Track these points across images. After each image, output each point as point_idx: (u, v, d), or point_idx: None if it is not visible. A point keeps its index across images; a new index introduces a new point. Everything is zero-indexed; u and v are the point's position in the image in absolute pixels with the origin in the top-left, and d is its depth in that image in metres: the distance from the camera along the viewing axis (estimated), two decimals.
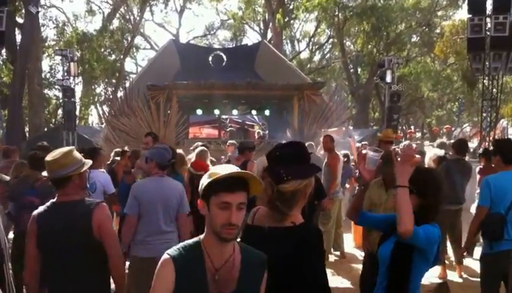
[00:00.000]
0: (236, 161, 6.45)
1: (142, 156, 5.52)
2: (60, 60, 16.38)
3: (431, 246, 2.63)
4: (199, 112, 17.11)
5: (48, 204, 2.94)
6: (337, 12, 27.65)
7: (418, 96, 32.01)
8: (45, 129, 21.01)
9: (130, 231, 4.19)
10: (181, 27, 44.23)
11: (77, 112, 19.71)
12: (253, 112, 18.37)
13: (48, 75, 26.59)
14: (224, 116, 18.56)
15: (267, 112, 17.59)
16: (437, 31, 29.48)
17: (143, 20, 33.57)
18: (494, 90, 14.44)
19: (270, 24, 30.78)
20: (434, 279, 6.26)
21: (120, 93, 21.06)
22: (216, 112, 17.43)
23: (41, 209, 2.93)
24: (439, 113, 37.70)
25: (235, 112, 18.06)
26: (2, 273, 3.55)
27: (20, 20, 21.26)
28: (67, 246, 2.77)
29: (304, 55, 37.92)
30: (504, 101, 22.08)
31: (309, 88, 15.33)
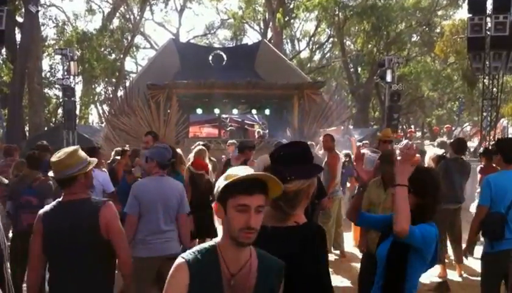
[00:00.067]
0: (236, 160, 6.42)
1: (142, 155, 5.52)
2: (60, 59, 16.37)
3: (427, 245, 2.63)
4: (199, 111, 17.11)
5: (54, 203, 2.93)
6: (337, 11, 27.64)
7: (418, 96, 31.99)
8: (45, 128, 21.00)
9: (131, 230, 4.18)
10: (181, 27, 44.18)
11: (77, 111, 19.69)
12: (253, 111, 18.36)
13: (48, 74, 26.61)
14: (224, 115, 18.56)
15: (267, 111, 17.59)
16: (437, 30, 29.48)
17: (143, 19, 33.66)
18: (494, 90, 14.45)
19: (270, 24, 30.77)
20: (434, 278, 6.27)
21: (120, 92, 21.05)
22: (216, 111, 17.43)
23: (47, 208, 2.92)
24: (439, 112, 37.68)
25: (235, 111, 18.07)
26: (2, 273, 3.54)
27: (20, 19, 21.27)
28: (73, 244, 2.77)
29: (304, 54, 38.01)
30: (504, 101, 22.11)
31: (309, 87, 15.31)
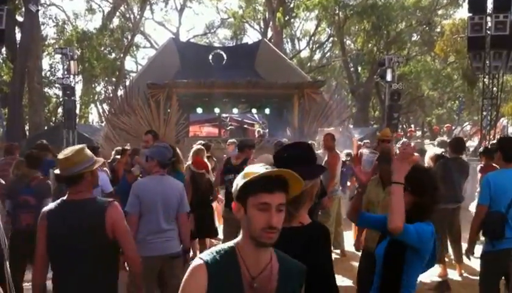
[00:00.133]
0: (236, 159, 6.39)
1: (142, 154, 5.51)
2: (60, 59, 16.39)
3: (424, 244, 2.62)
4: (199, 111, 17.13)
5: (58, 202, 2.92)
6: (337, 11, 27.62)
7: (418, 95, 31.95)
8: (45, 128, 20.99)
9: (132, 229, 4.17)
10: (181, 26, 44.15)
11: (77, 111, 19.69)
12: (253, 111, 18.37)
13: (48, 73, 26.56)
14: (224, 114, 18.56)
15: (267, 111, 17.60)
16: (437, 30, 29.46)
17: (143, 18, 33.61)
18: (494, 89, 14.44)
19: (270, 23, 30.77)
20: (434, 277, 6.27)
21: (120, 92, 21.01)
22: (216, 111, 17.45)
23: (52, 206, 2.92)
24: (439, 111, 37.65)
25: (235, 111, 18.08)
26: (2, 273, 3.54)
27: (20, 18, 21.26)
28: (78, 244, 2.76)
29: (304, 53, 37.95)
30: (504, 100, 22.10)
31: (309, 86, 15.34)
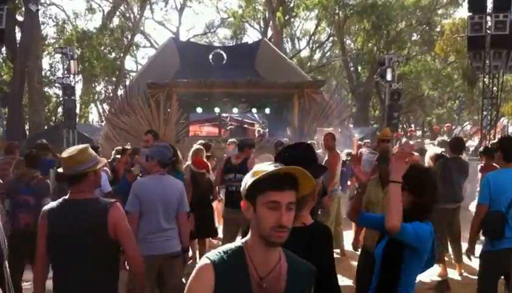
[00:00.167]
0: (236, 159, 6.37)
1: (142, 154, 5.51)
2: (60, 58, 16.38)
3: (422, 243, 2.61)
4: (199, 110, 17.14)
5: (60, 201, 2.91)
6: (337, 10, 27.62)
7: (418, 95, 31.95)
8: (45, 127, 21.00)
9: (132, 228, 4.16)
10: (181, 25, 44.13)
11: (77, 110, 19.69)
12: (253, 110, 18.37)
13: (48, 73, 26.55)
14: (224, 114, 18.57)
15: (267, 110, 17.59)
16: (437, 29, 29.46)
17: (143, 18, 33.61)
18: (495, 88, 14.43)
19: (270, 22, 30.76)
20: (434, 277, 6.27)
21: (120, 91, 21.02)
22: (216, 110, 17.45)
23: (53, 205, 2.91)
24: (440, 111, 37.65)
25: (235, 110, 18.07)
26: (2, 272, 3.54)
27: (20, 18, 21.26)
28: (80, 244, 2.76)
29: (304, 53, 37.95)
30: (504, 99, 22.11)
31: (309, 86, 15.33)
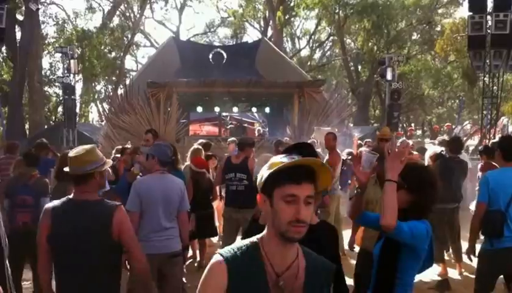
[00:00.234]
0: (236, 158, 6.37)
1: (142, 153, 5.51)
2: (60, 58, 16.39)
3: (418, 242, 2.59)
4: (199, 110, 17.12)
5: (64, 200, 2.90)
6: (337, 10, 27.62)
7: (418, 94, 31.96)
8: (45, 127, 20.97)
9: (133, 227, 4.17)
10: (181, 25, 44.15)
11: (77, 110, 19.72)
12: (253, 110, 18.37)
13: (48, 72, 26.55)
14: (224, 113, 18.56)
15: (267, 110, 17.58)
16: (437, 29, 29.47)
17: (143, 17, 33.64)
18: (495, 88, 14.46)
19: (270, 22, 30.77)
20: (435, 276, 6.27)
21: (120, 91, 21.02)
22: (217, 110, 17.44)
23: (57, 204, 2.89)
24: (440, 110, 37.65)
25: (235, 110, 18.06)
26: (3, 271, 3.53)
27: (20, 17, 21.25)
28: (82, 244, 2.75)
29: (304, 52, 37.96)
30: (504, 99, 22.09)
31: (309, 85, 15.30)
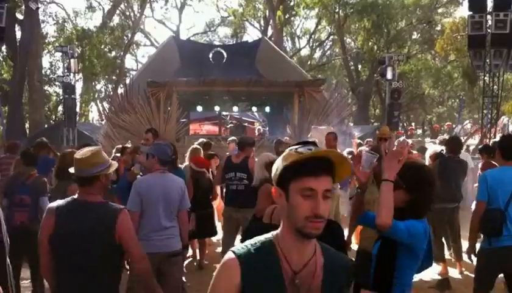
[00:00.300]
0: (236, 158, 6.37)
1: (142, 152, 5.50)
2: (60, 57, 16.42)
3: (415, 241, 2.58)
4: (199, 109, 17.12)
5: (69, 200, 2.89)
6: (337, 9, 27.64)
7: (419, 93, 31.99)
8: (45, 126, 20.97)
9: (134, 226, 4.17)
10: (181, 24, 44.23)
11: (77, 109, 19.71)
12: (253, 109, 18.36)
13: (48, 71, 26.54)
14: (224, 112, 18.56)
15: (267, 109, 17.58)
16: (437, 28, 29.49)
17: (143, 17, 33.64)
18: (495, 87, 14.46)
19: (270, 21, 30.77)
20: (435, 275, 6.27)
21: (120, 90, 21.01)
22: (217, 109, 17.45)
23: (61, 204, 2.88)
24: (440, 110, 37.67)
25: (235, 109, 18.06)
26: (4, 269, 3.53)
27: (20, 16, 21.25)
28: (84, 244, 2.75)
29: (304, 52, 37.95)
30: (505, 98, 22.09)
31: (309, 85, 15.29)
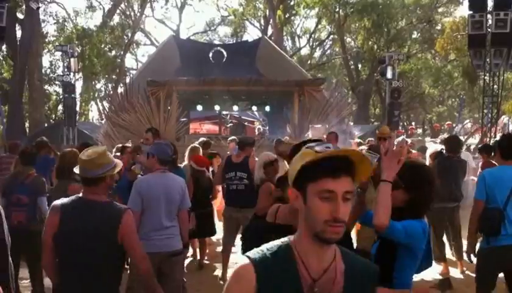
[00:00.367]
0: (237, 157, 6.38)
1: (143, 152, 5.50)
2: (60, 56, 16.42)
3: (413, 240, 2.57)
4: (199, 108, 17.10)
5: (74, 199, 2.90)
6: (338, 8, 27.64)
7: (419, 93, 31.99)
8: (45, 125, 20.98)
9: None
10: (181, 23, 44.24)
11: (77, 108, 19.71)
12: (253, 108, 18.35)
13: (48, 71, 26.57)
14: (224, 112, 18.55)
15: (267, 108, 17.56)
16: (438, 27, 29.49)
17: (143, 16, 33.63)
18: (495, 87, 14.46)
19: (270, 20, 30.76)
20: (436, 275, 6.27)
21: (120, 89, 21.02)
22: (217, 108, 17.43)
23: (66, 202, 2.89)
24: (440, 109, 37.67)
25: (235, 108, 18.05)
26: (6, 267, 3.52)
27: (20, 16, 21.27)
28: (89, 244, 2.75)
29: (304, 51, 37.93)
30: (505, 98, 22.08)
31: (309, 84, 15.30)
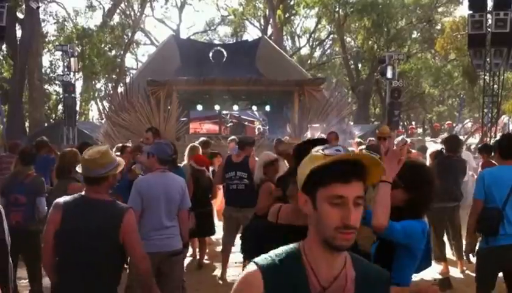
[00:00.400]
0: (237, 157, 6.39)
1: (144, 151, 5.50)
2: (61, 56, 16.42)
3: (413, 241, 2.55)
4: (199, 108, 17.10)
5: (76, 197, 2.90)
6: (337, 8, 27.64)
7: (419, 92, 31.98)
8: (45, 125, 20.97)
9: None
10: (181, 23, 44.24)
11: (77, 108, 19.71)
12: (253, 108, 18.35)
13: (48, 70, 26.51)
14: (224, 111, 18.55)
15: (267, 108, 17.55)
16: (437, 27, 29.50)
17: (143, 16, 33.61)
18: (495, 86, 14.46)
19: (270, 20, 30.76)
20: (436, 275, 6.27)
21: (120, 89, 21.03)
22: (217, 108, 17.42)
23: (69, 200, 2.89)
24: (440, 109, 37.67)
25: (235, 108, 18.05)
26: (6, 267, 3.52)
27: (20, 15, 21.26)
28: (90, 242, 2.75)
29: (304, 51, 37.92)
30: (505, 97, 22.08)
31: (309, 84, 15.32)
